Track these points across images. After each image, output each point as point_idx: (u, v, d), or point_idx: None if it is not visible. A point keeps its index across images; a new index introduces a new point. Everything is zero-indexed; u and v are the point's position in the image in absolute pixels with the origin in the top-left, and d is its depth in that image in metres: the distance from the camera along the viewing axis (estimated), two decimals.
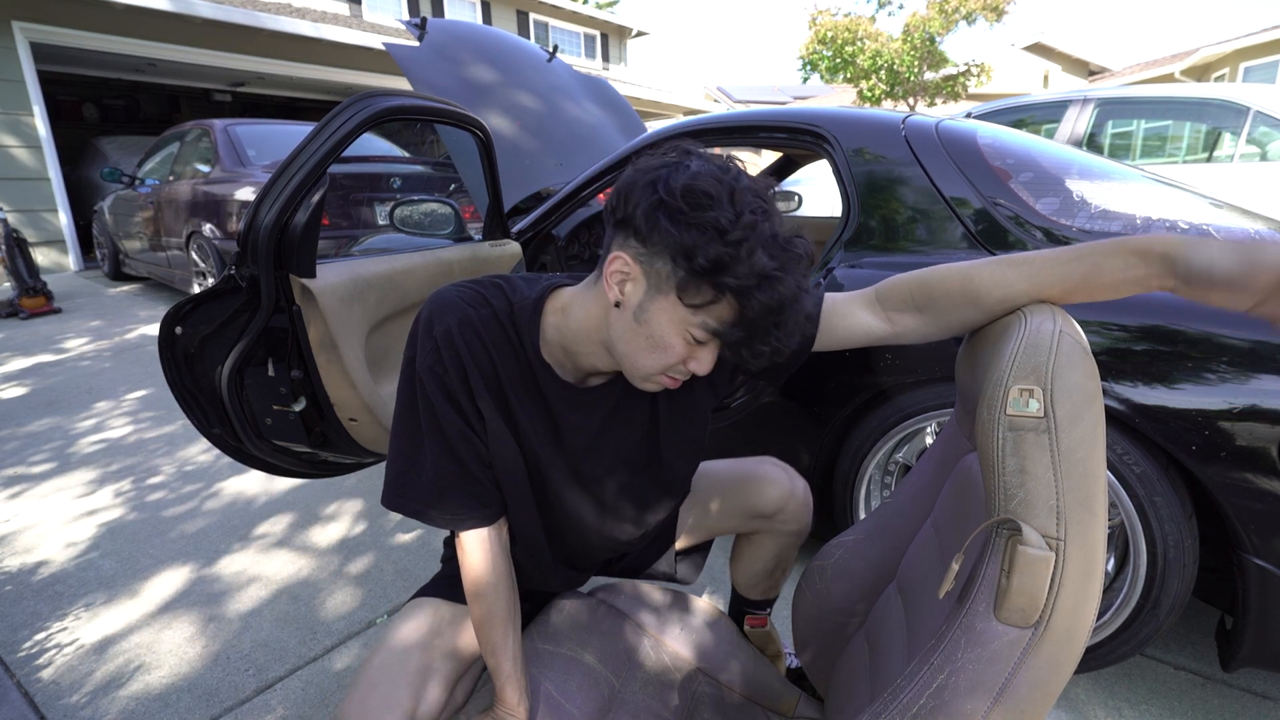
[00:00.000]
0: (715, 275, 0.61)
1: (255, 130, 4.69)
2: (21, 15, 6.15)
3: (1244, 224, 1.39)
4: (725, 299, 0.63)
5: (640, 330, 0.68)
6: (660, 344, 0.67)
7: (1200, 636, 1.45)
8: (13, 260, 4.70)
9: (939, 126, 1.55)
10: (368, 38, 8.18)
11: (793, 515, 1.05)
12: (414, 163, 4.62)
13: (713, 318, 0.65)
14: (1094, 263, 0.63)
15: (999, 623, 0.51)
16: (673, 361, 0.68)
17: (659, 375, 0.70)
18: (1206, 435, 1.06)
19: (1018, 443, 0.53)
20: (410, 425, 0.77)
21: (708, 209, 0.61)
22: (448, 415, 0.75)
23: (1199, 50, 11.58)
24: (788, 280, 0.62)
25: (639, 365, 0.70)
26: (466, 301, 0.76)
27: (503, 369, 0.77)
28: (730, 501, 1.06)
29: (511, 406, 0.78)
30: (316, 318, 1.30)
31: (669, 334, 0.67)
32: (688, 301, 0.64)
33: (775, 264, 0.61)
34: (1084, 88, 6.86)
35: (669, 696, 0.89)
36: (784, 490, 1.04)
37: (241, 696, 1.31)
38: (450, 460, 0.77)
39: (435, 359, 0.74)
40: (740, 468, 1.08)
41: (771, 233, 0.62)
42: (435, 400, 0.75)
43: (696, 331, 0.66)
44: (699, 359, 0.69)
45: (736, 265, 0.60)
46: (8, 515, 2.03)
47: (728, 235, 0.60)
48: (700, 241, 0.61)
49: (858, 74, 14.72)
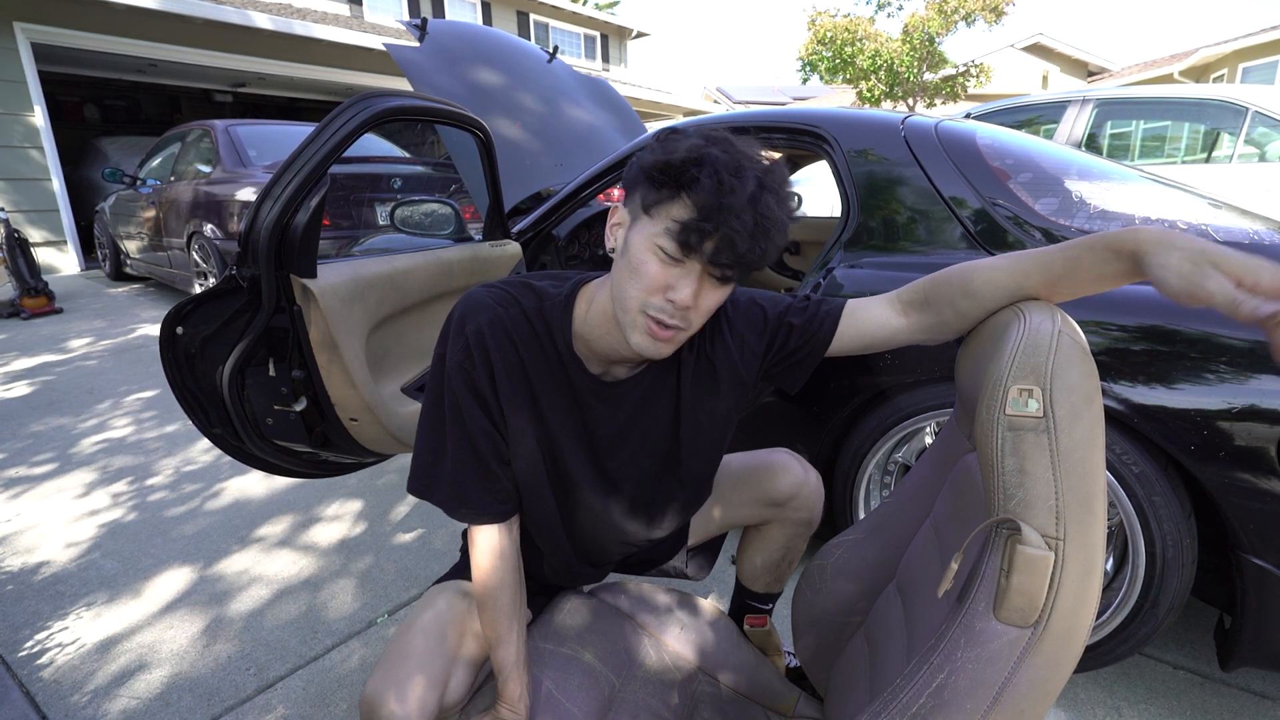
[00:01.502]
0: (663, 174, 0.68)
1: (256, 131, 4.69)
2: (23, 16, 6.15)
3: (1243, 224, 1.39)
4: (679, 196, 0.67)
5: (626, 263, 0.72)
6: (636, 267, 0.70)
7: (1199, 636, 1.45)
8: (14, 260, 4.70)
9: (938, 127, 1.55)
10: (368, 38, 8.18)
11: (804, 503, 1.06)
12: (414, 163, 4.62)
13: (670, 218, 0.68)
14: (1074, 255, 0.64)
15: (998, 622, 0.51)
16: (651, 286, 0.70)
17: (642, 313, 0.71)
18: (1205, 435, 1.06)
19: (1017, 442, 0.53)
20: (436, 418, 0.81)
21: (678, 152, 0.68)
22: (473, 412, 0.79)
23: (1198, 51, 11.58)
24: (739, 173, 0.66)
25: (625, 303, 0.72)
26: (497, 302, 0.79)
27: (531, 366, 0.80)
28: (743, 491, 1.07)
29: (539, 403, 0.81)
30: (317, 318, 1.31)
31: (642, 252, 0.70)
32: (648, 208, 0.69)
33: (721, 155, 0.66)
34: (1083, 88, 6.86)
35: (669, 696, 0.89)
36: (797, 478, 1.05)
37: (242, 696, 1.31)
38: (470, 456, 0.80)
39: (465, 356, 0.77)
40: (753, 458, 1.09)
41: (723, 149, 0.67)
42: (461, 396, 0.78)
43: (661, 240, 0.68)
44: (676, 287, 0.69)
45: (678, 159, 0.67)
46: (9, 515, 2.04)
47: (675, 145, 0.69)
48: (651, 154, 0.70)
49: (857, 75, 14.72)
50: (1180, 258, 0.55)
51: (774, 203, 0.68)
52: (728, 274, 0.70)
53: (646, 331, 0.72)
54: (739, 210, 0.65)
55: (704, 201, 0.65)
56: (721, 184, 0.65)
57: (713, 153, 0.66)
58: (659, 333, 0.72)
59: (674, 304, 0.70)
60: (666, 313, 0.71)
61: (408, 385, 1.60)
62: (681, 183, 0.67)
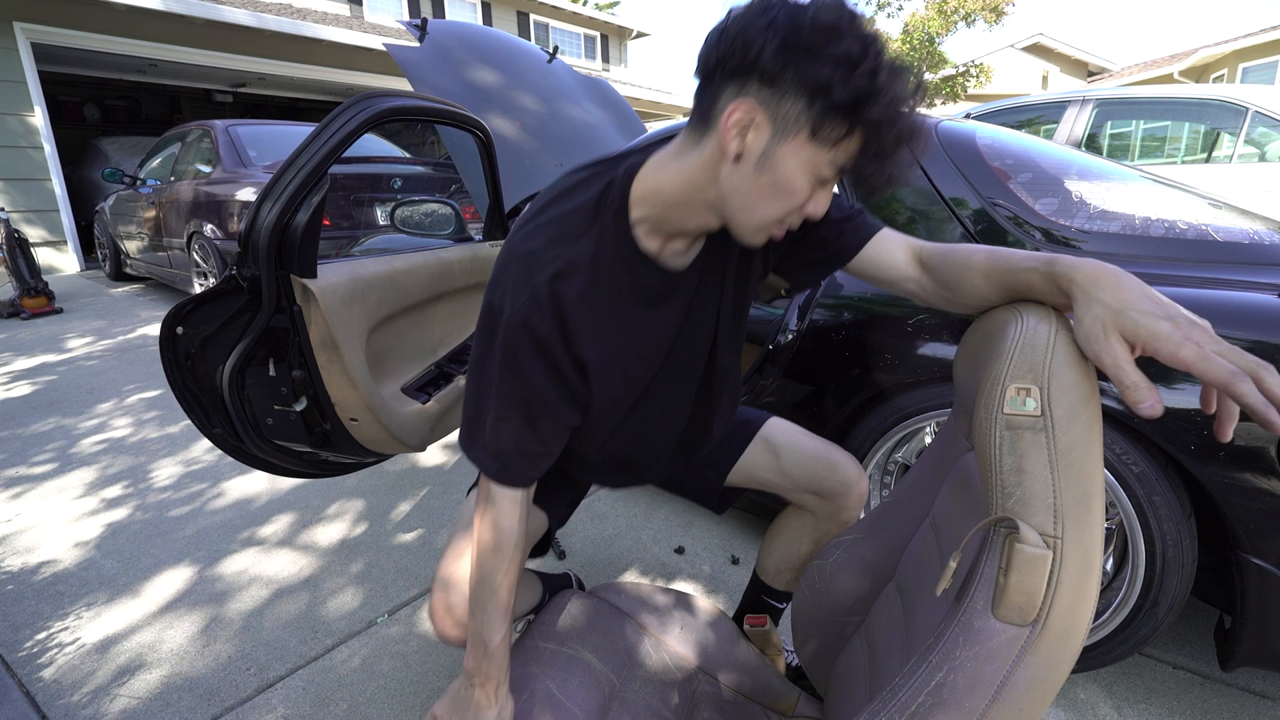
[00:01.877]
0: (853, 110, 0.59)
1: (256, 131, 4.70)
2: (23, 16, 6.15)
3: (1243, 224, 1.39)
4: (857, 132, 0.61)
5: (762, 179, 0.65)
6: (785, 189, 0.65)
7: (1199, 636, 1.45)
8: (14, 260, 4.70)
9: (938, 127, 1.55)
10: (368, 38, 8.18)
11: (847, 505, 1.07)
12: (414, 163, 4.62)
13: (844, 152, 0.63)
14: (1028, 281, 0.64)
15: (997, 621, 0.51)
16: (795, 205, 0.66)
17: (773, 225, 0.69)
18: (1205, 435, 1.06)
19: (1015, 441, 0.53)
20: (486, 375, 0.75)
21: (836, 41, 0.58)
22: (537, 377, 0.73)
23: (1198, 51, 11.58)
24: (912, 93, 0.61)
25: (755, 216, 0.68)
26: (564, 238, 0.73)
27: (605, 298, 0.75)
28: (798, 469, 1.07)
29: (615, 332, 0.77)
30: (317, 318, 1.31)
31: (796, 176, 0.64)
32: (821, 138, 0.62)
33: (907, 91, 0.61)
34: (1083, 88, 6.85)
35: (669, 695, 0.89)
36: (850, 478, 1.06)
37: (242, 696, 1.31)
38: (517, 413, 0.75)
39: (532, 309, 0.71)
40: (820, 445, 1.10)
41: (891, 59, 0.60)
42: (524, 353, 0.72)
43: (826, 170, 0.64)
44: (817, 199, 0.67)
45: (876, 97, 0.58)
46: (9, 515, 2.04)
47: (861, 67, 0.58)
48: (836, 76, 0.58)
49: None
50: (1096, 313, 0.55)
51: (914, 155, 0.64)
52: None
53: (769, 235, 0.70)
54: (909, 137, 0.61)
55: (881, 146, 0.61)
56: (902, 133, 0.60)
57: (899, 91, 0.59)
58: (778, 234, 0.70)
59: (809, 217, 0.69)
60: (795, 222, 0.69)
61: (408, 385, 1.60)
62: (859, 113, 0.59)
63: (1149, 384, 0.52)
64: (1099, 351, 0.53)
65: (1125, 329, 0.53)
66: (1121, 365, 0.52)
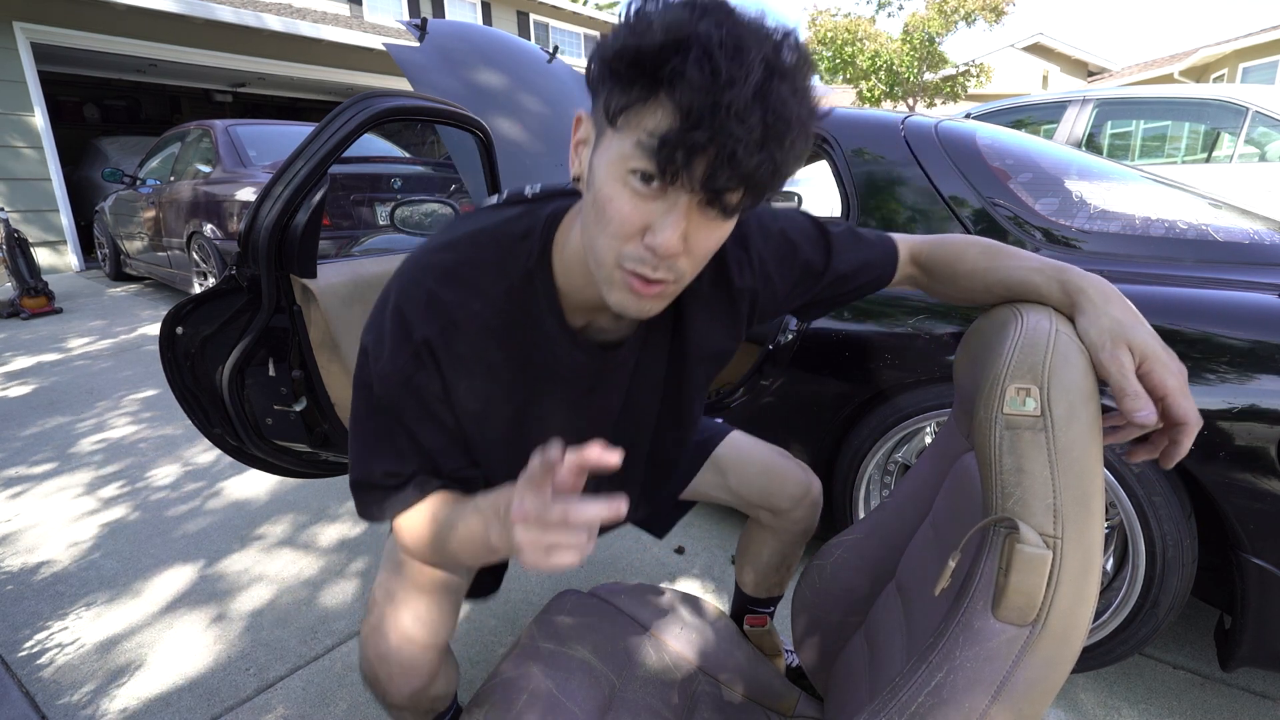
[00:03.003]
0: (632, 66, 0.47)
1: (256, 131, 4.70)
2: (23, 16, 6.15)
3: (1243, 224, 1.39)
4: (656, 96, 0.47)
5: (591, 199, 0.54)
6: (604, 204, 0.52)
7: (1199, 636, 1.45)
8: (14, 260, 4.70)
9: (938, 127, 1.55)
10: (368, 38, 8.18)
11: (803, 515, 1.06)
12: (414, 163, 4.62)
13: (644, 129, 0.48)
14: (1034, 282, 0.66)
15: (997, 621, 0.51)
16: (622, 230, 0.52)
17: (618, 267, 0.54)
18: (1205, 435, 1.06)
19: (1015, 441, 0.53)
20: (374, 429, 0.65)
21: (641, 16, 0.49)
22: (427, 431, 0.64)
23: (1198, 51, 11.58)
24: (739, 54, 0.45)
25: (594, 248, 0.55)
26: (454, 299, 0.62)
27: (507, 365, 0.65)
28: (746, 485, 1.05)
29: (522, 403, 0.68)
30: (317, 318, 1.31)
31: (609, 183, 0.51)
32: (614, 116, 0.49)
33: (715, 30, 0.45)
34: (1083, 88, 6.85)
35: (669, 695, 0.89)
36: (798, 490, 1.05)
37: (242, 696, 1.31)
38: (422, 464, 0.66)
39: (414, 368, 0.61)
40: (764, 455, 1.07)
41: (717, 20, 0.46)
42: (408, 408, 0.63)
43: (633, 162, 0.49)
44: (655, 228, 0.51)
45: (653, 41, 0.46)
46: (9, 515, 2.04)
47: (649, 19, 0.47)
48: (616, 36, 0.49)
49: (857, 75, 14.73)
50: (1105, 324, 0.57)
51: (789, 95, 0.47)
52: (729, 202, 0.50)
53: (626, 288, 0.55)
54: (740, 110, 0.45)
55: (691, 101, 0.45)
56: (716, 73, 0.45)
57: (703, 29, 0.45)
58: (643, 289, 0.54)
59: (654, 251, 0.51)
60: (648, 264, 0.52)
61: None
62: (658, 77, 0.46)
63: (1147, 395, 0.55)
64: (1107, 359, 0.55)
65: (1133, 343, 0.56)
66: (1126, 375, 0.55)
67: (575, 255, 0.62)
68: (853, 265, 0.79)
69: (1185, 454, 0.56)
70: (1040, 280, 0.65)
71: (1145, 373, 0.55)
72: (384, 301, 0.64)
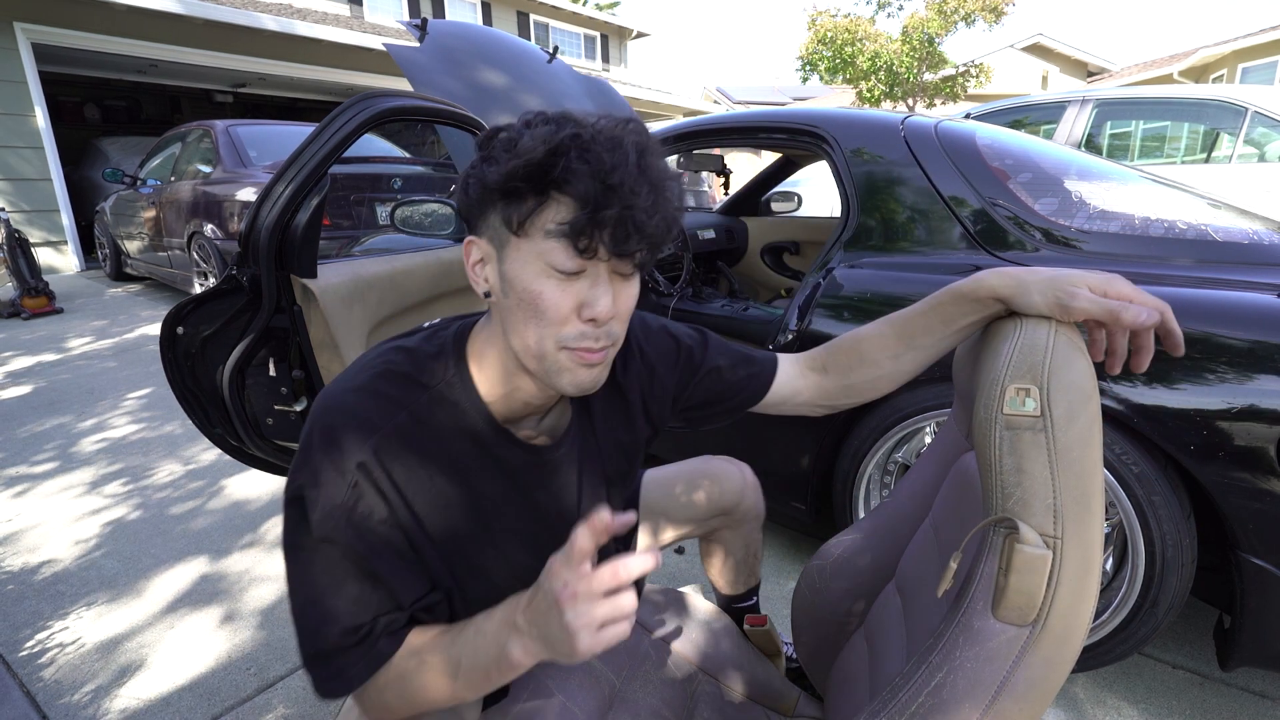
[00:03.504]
0: (526, 180, 0.54)
1: (256, 131, 4.70)
2: (23, 16, 6.16)
3: (1242, 224, 1.39)
4: (550, 197, 0.55)
5: (514, 303, 0.58)
6: (533, 302, 0.57)
7: (1198, 635, 1.45)
8: (15, 260, 4.70)
9: (938, 127, 1.55)
10: (368, 39, 8.18)
11: (749, 504, 1.06)
12: (414, 163, 4.62)
13: (550, 222, 0.55)
14: (943, 312, 0.70)
15: (997, 621, 0.51)
16: (559, 316, 0.57)
17: (562, 350, 0.59)
18: (1205, 435, 1.06)
19: (1015, 442, 0.53)
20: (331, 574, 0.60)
21: (506, 145, 0.56)
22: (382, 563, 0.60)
23: (1197, 51, 11.59)
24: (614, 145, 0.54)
25: (531, 345, 0.59)
26: (378, 417, 0.61)
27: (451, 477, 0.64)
28: (688, 508, 1.05)
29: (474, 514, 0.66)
30: (317, 318, 1.31)
31: (533, 281, 0.57)
32: (517, 226, 0.56)
33: (583, 132, 0.54)
34: (1082, 88, 6.85)
35: (669, 695, 0.89)
36: (736, 484, 1.05)
37: (243, 695, 1.32)
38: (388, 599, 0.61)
39: (354, 501, 0.59)
40: (689, 473, 1.06)
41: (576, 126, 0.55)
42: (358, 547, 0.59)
43: (552, 255, 0.55)
44: (589, 302, 0.57)
45: (538, 156, 0.53)
46: (10, 515, 2.04)
47: (519, 144, 0.55)
48: (495, 165, 0.56)
49: (857, 75, 14.73)
50: (1041, 291, 0.59)
51: (659, 164, 0.57)
52: (638, 259, 0.58)
53: (576, 365, 0.59)
54: (632, 185, 0.54)
55: (587, 189, 0.53)
56: (601, 163, 0.53)
57: (571, 133, 0.54)
58: (590, 357, 0.59)
59: (596, 321, 0.58)
60: (590, 337, 0.58)
61: None
62: (550, 181, 0.54)
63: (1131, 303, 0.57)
64: (1072, 303, 0.57)
65: (1074, 282, 0.58)
66: (1103, 303, 0.57)
67: (494, 366, 0.64)
68: (730, 359, 0.82)
69: (1178, 329, 0.58)
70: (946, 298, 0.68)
71: (1101, 293, 0.58)
72: (308, 441, 0.61)
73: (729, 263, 2.84)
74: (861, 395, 0.80)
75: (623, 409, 0.78)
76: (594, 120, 0.57)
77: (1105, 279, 0.58)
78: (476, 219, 0.60)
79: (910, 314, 0.73)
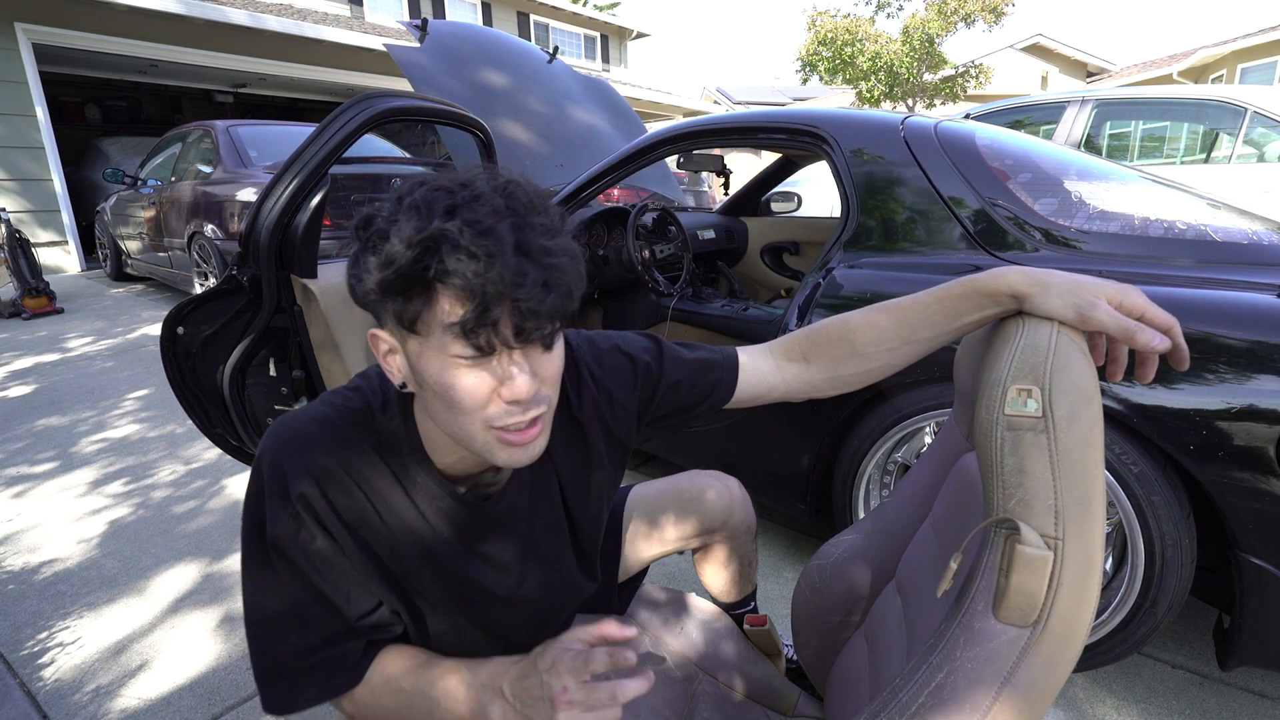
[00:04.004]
0: (400, 283, 0.51)
1: (257, 131, 4.70)
2: (24, 17, 6.15)
3: (1242, 224, 1.39)
4: (434, 294, 0.52)
5: (430, 395, 0.57)
6: (446, 394, 0.55)
7: (1198, 635, 1.45)
8: (15, 261, 4.70)
9: (937, 127, 1.55)
10: (369, 39, 8.18)
11: (739, 519, 1.04)
12: (414, 163, 4.62)
13: (441, 319, 0.52)
14: (950, 305, 0.67)
15: (997, 622, 0.51)
16: (476, 403, 0.55)
17: (488, 430, 0.57)
18: (1204, 435, 1.06)
19: (1016, 442, 0.53)
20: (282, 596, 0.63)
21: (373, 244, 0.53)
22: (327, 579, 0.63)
23: (1197, 51, 11.58)
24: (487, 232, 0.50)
25: (457, 431, 0.58)
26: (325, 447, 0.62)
27: (387, 522, 0.64)
28: (675, 526, 1.03)
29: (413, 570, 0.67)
30: (318, 318, 1.31)
31: (441, 374, 0.54)
32: (410, 325, 0.53)
33: (450, 223, 0.50)
34: (1082, 89, 6.86)
35: (669, 695, 0.90)
36: (724, 500, 1.03)
37: (243, 695, 1.32)
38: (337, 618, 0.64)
39: (298, 527, 0.61)
40: (675, 490, 1.04)
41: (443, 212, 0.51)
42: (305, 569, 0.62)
43: (452, 346, 0.53)
44: (506, 384, 0.55)
45: (405, 260, 0.50)
46: (11, 514, 2.04)
47: (384, 244, 0.51)
48: (367, 270, 0.53)
49: (857, 75, 14.74)
50: (1061, 296, 0.58)
51: (542, 231, 0.53)
52: (546, 338, 0.55)
53: (507, 445, 0.58)
54: (514, 275, 0.50)
55: (468, 286, 0.50)
56: (475, 257, 0.49)
57: (438, 228, 0.50)
58: (522, 439, 0.58)
59: (519, 402, 0.55)
60: (515, 414, 0.56)
61: None
62: (427, 280, 0.51)
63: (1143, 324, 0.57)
64: (1091, 313, 0.57)
65: (1093, 291, 0.58)
66: (1119, 319, 0.57)
67: (438, 433, 0.63)
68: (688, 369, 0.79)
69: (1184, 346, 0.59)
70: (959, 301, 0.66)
71: (1117, 306, 0.57)
72: (257, 468, 0.63)
73: (729, 263, 2.84)
74: (848, 387, 0.78)
75: (581, 441, 0.75)
76: (467, 194, 0.52)
77: (1122, 290, 0.58)
78: (374, 310, 0.57)
79: (912, 304, 0.71)
